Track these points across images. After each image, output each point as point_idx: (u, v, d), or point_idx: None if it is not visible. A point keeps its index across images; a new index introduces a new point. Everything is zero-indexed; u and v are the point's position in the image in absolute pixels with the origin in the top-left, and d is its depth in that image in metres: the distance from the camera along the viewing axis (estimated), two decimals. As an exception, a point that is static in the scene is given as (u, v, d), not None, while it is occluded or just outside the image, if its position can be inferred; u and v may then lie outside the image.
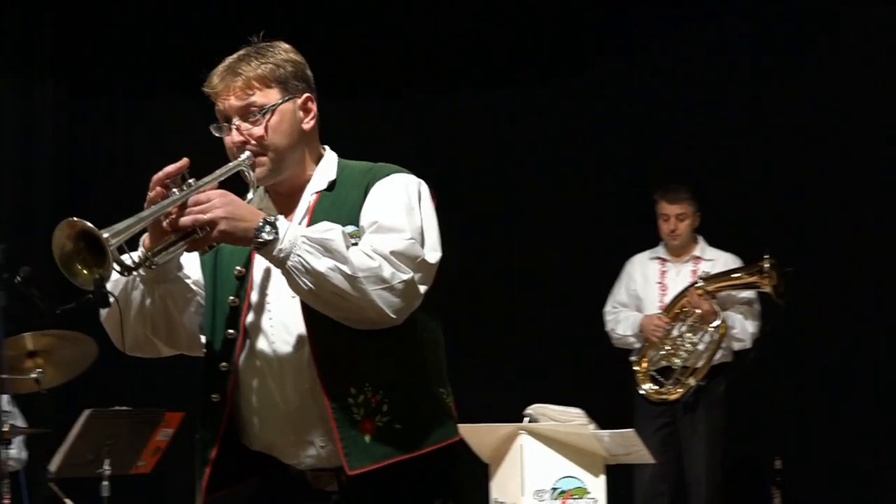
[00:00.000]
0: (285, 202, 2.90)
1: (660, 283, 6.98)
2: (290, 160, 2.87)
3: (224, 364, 2.84)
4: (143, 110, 8.53)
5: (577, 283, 8.17)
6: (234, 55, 2.90)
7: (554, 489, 5.65)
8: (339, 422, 2.74)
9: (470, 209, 8.40)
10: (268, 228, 2.64)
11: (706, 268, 6.88)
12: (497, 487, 5.82)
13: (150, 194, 2.67)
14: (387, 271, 2.68)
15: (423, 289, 2.77)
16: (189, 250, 2.70)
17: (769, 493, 7.66)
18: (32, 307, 7.78)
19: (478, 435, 5.58)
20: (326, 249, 2.64)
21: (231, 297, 2.85)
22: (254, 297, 2.84)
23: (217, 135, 2.89)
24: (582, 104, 8.68)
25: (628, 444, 5.69)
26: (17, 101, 8.12)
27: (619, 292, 7.13)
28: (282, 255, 2.63)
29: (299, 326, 2.78)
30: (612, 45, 8.66)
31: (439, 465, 2.87)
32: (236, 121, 2.83)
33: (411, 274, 2.72)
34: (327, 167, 2.93)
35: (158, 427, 6.59)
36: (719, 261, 6.93)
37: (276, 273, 2.78)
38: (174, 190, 2.65)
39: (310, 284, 2.63)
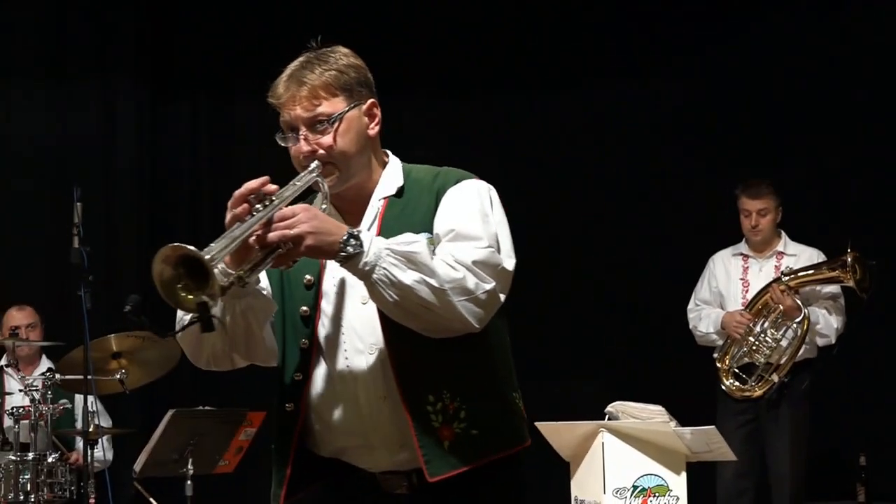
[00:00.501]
0: (351, 208, 2.88)
1: (742, 279, 6.92)
2: (357, 167, 2.86)
3: (298, 374, 2.84)
4: (225, 114, 8.60)
5: (659, 281, 8.12)
6: (296, 62, 2.89)
7: (635, 487, 5.62)
8: (419, 429, 2.75)
9: (546, 207, 8.39)
10: (353, 242, 2.64)
11: (789, 263, 6.80)
12: (577, 485, 5.80)
13: (236, 211, 2.65)
14: (471, 282, 2.68)
15: (503, 297, 2.78)
16: (274, 266, 2.69)
17: (854, 488, 7.59)
18: (118, 308, 7.93)
19: (558, 433, 5.57)
20: (412, 262, 2.65)
21: (303, 308, 2.84)
22: (325, 306, 2.84)
23: (283, 144, 2.89)
24: (654, 100, 8.64)
25: (710, 441, 5.64)
26: (100, 104, 8.23)
27: (702, 290, 7.07)
28: (367, 268, 2.63)
29: (374, 335, 2.79)
30: (673, 42, 8.60)
31: (510, 468, 2.89)
32: (303, 131, 2.82)
33: (494, 283, 2.72)
34: (393, 172, 2.93)
35: (241, 426, 6.65)
36: (802, 255, 6.85)
37: (347, 281, 2.80)
38: (258, 206, 2.65)
39: (395, 297, 2.64)
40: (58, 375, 6.30)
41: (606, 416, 5.78)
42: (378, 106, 2.91)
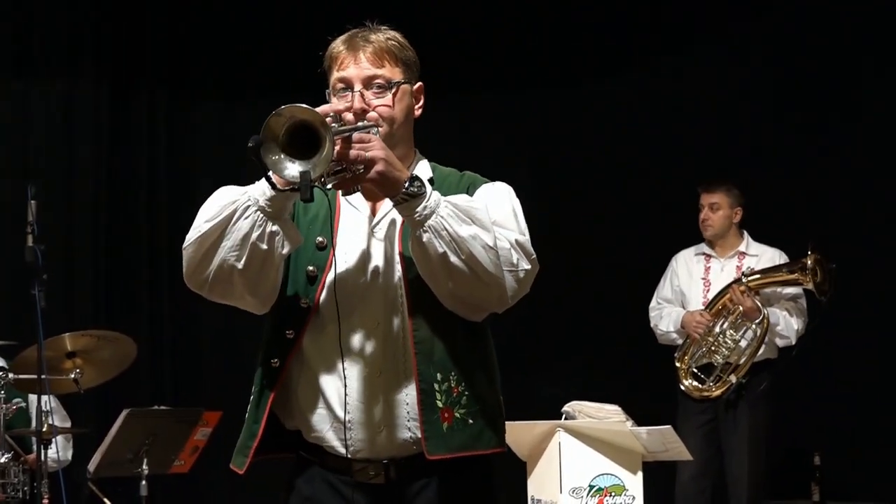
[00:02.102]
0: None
1: (704, 278, 6.96)
2: (399, 139, 2.85)
3: (290, 332, 2.80)
4: (183, 112, 8.55)
5: (618, 280, 8.15)
6: (352, 31, 2.90)
7: (591, 486, 5.64)
8: (425, 405, 2.74)
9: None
10: (417, 183, 2.64)
11: (751, 263, 6.85)
12: (534, 485, 5.81)
13: (321, 107, 2.64)
14: (514, 256, 2.72)
15: (529, 286, 2.81)
16: (335, 187, 2.67)
17: (808, 488, 7.64)
18: (73, 307, 7.88)
19: (515, 432, 5.56)
20: (471, 217, 2.65)
21: (310, 267, 2.81)
22: (333, 270, 2.79)
23: (334, 100, 2.83)
24: (618, 105, 8.67)
25: (666, 441, 5.66)
26: (58, 100, 8.16)
27: (664, 288, 7.10)
28: (425, 211, 2.62)
29: (380, 308, 2.76)
30: (653, 43, 8.65)
31: (486, 469, 2.89)
32: (359, 87, 2.81)
33: (530, 267, 2.76)
34: (423, 164, 2.94)
35: (197, 426, 6.61)
36: (764, 256, 6.89)
37: (358, 252, 2.79)
38: (336, 125, 2.62)
39: (445, 247, 2.61)
40: (11, 375, 6.24)
41: (563, 416, 5.79)
42: (423, 91, 2.93)
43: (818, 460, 7.65)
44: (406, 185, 2.62)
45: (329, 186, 2.64)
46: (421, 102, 2.92)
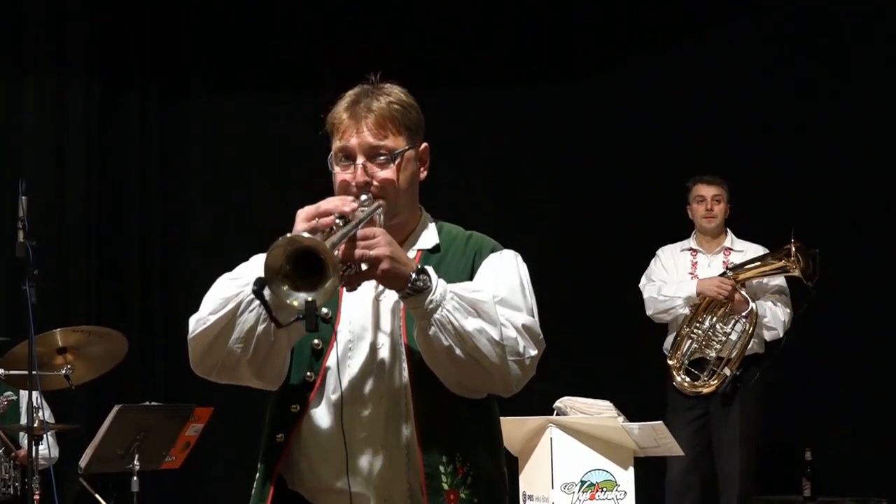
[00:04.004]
0: None
1: (692, 273, 6.94)
2: (402, 207, 2.80)
3: (295, 406, 2.77)
4: (175, 108, 8.54)
5: (610, 276, 8.16)
6: (356, 90, 2.84)
7: (583, 482, 5.64)
8: (430, 489, 2.70)
9: (502, 199, 8.41)
10: (423, 277, 2.59)
11: (737, 259, 6.85)
12: (525, 480, 5.81)
13: (321, 221, 2.58)
14: (521, 344, 2.66)
15: (535, 368, 2.75)
16: (344, 284, 2.61)
17: (800, 483, 7.65)
18: (64, 303, 7.87)
19: (506, 428, 5.52)
20: (476, 310, 2.61)
21: (315, 340, 2.77)
22: (340, 342, 2.76)
23: (334, 169, 2.82)
24: (616, 103, 8.68)
25: (658, 437, 5.67)
26: (50, 96, 8.15)
27: (656, 271, 7.03)
28: (431, 305, 2.58)
29: (383, 382, 2.73)
30: (639, 40, 8.67)
31: None
32: (362, 159, 2.75)
33: (537, 352, 2.71)
34: (429, 227, 2.89)
35: (188, 422, 6.61)
36: (749, 252, 6.90)
37: (364, 324, 2.75)
38: (338, 222, 2.57)
39: (451, 341, 2.58)
40: (1, 371, 6.23)
41: (555, 412, 5.79)
42: (429, 152, 2.87)
43: (809, 455, 7.66)
44: (412, 278, 2.58)
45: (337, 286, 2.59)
46: (427, 164, 2.87)
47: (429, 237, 2.86)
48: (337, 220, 2.57)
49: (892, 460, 7.78)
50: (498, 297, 2.70)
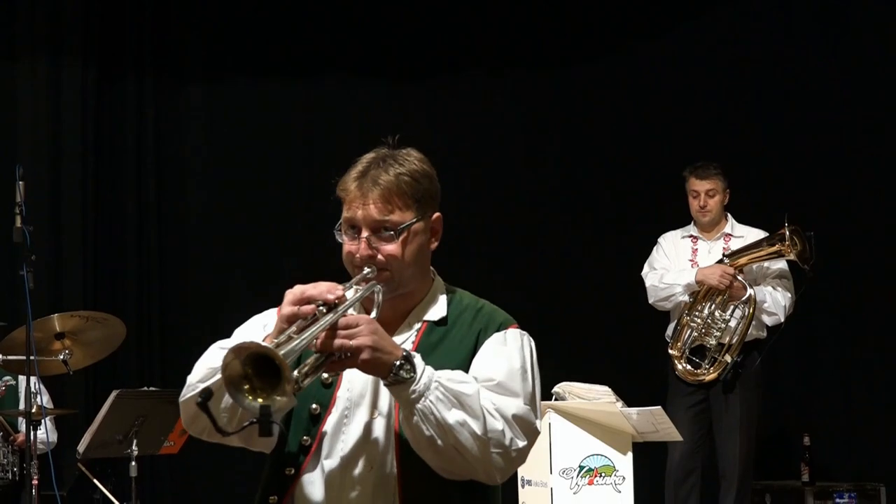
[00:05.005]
0: (386, 319, 2.74)
1: (692, 260, 6.93)
2: (408, 278, 2.75)
3: (290, 469, 2.75)
4: (171, 94, 8.52)
5: (608, 262, 8.16)
6: (368, 158, 2.77)
7: (581, 467, 5.64)
8: None
9: (503, 182, 8.40)
10: (406, 366, 2.55)
11: (737, 244, 6.83)
12: (524, 466, 5.78)
13: (303, 309, 2.54)
14: (507, 436, 2.62)
15: (526, 457, 2.71)
16: (326, 371, 2.60)
17: (798, 468, 7.67)
18: (67, 289, 7.87)
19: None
20: (460, 402, 2.58)
21: (313, 405, 2.74)
22: (337, 407, 2.74)
23: (339, 239, 2.76)
24: (596, 88, 8.67)
25: (656, 422, 5.67)
26: (46, 82, 8.13)
27: (658, 259, 7.02)
28: (413, 395, 2.55)
29: (378, 452, 2.71)
30: (634, 27, 8.67)
31: None
32: (366, 233, 2.71)
33: (526, 443, 2.66)
34: (438, 298, 2.84)
35: (186, 407, 6.59)
36: (749, 237, 6.87)
37: (364, 391, 2.72)
38: (321, 308, 2.54)
39: (432, 432, 2.56)
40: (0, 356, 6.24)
41: (553, 397, 5.79)
42: (442, 221, 2.81)
43: (808, 441, 7.68)
44: (395, 367, 2.55)
45: (320, 373, 2.59)
46: (439, 234, 2.81)
47: (437, 309, 2.82)
48: (320, 308, 2.54)
49: (890, 446, 7.80)
50: (494, 381, 2.66)
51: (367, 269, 2.69)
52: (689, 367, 6.73)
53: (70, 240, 8.06)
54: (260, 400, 2.40)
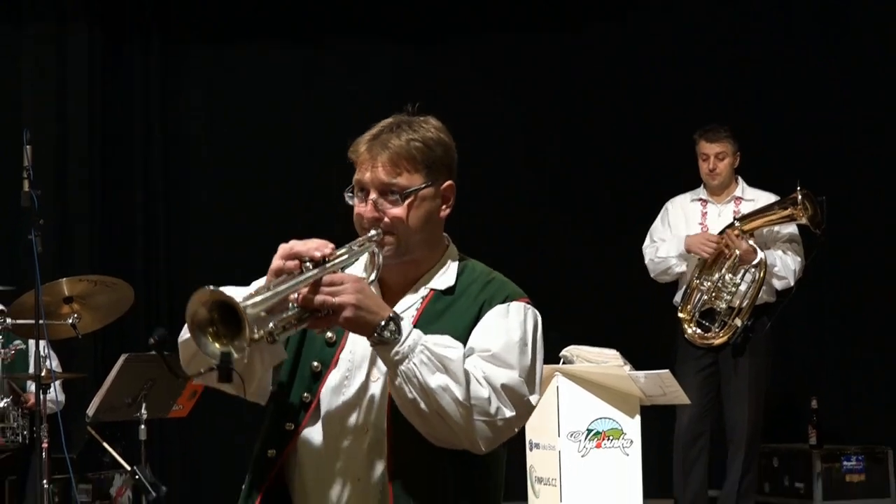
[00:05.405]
0: (394, 285, 2.80)
1: (701, 224, 6.90)
2: (416, 244, 2.75)
3: (290, 424, 2.77)
4: (177, 57, 8.50)
5: (617, 225, 8.15)
6: (384, 123, 2.77)
7: (589, 430, 5.65)
8: None
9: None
10: (392, 327, 2.56)
11: (747, 208, 6.81)
12: (532, 429, 5.83)
13: (287, 264, 2.57)
14: (493, 405, 2.61)
15: (517, 429, 2.70)
16: (309, 328, 2.62)
17: (806, 431, 7.68)
18: (75, 253, 7.89)
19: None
20: (444, 367, 2.58)
21: (315, 363, 2.77)
22: (339, 368, 2.76)
23: (349, 202, 2.77)
24: (610, 51, 8.64)
25: (664, 385, 5.68)
26: (52, 46, 8.11)
27: (659, 229, 7.03)
28: (397, 357, 2.56)
29: (373, 415, 2.72)
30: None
31: None
32: (374, 195, 2.72)
33: (514, 413, 2.64)
34: (448, 268, 2.83)
35: (195, 371, 6.60)
36: (760, 200, 6.84)
37: (369, 351, 2.71)
38: (308, 265, 2.55)
39: (415, 395, 2.57)
40: (9, 320, 6.25)
41: (561, 360, 5.79)
42: (454, 190, 2.81)
43: (815, 404, 7.69)
44: (380, 327, 2.56)
45: (301, 328, 2.60)
46: (451, 202, 2.80)
47: (446, 278, 2.81)
48: (308, 264, 2.55)
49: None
50: (489, 351, 2.66)
51: (372, 232, 2.70)
52: (698, 330, 6.73)
53: (77, 204, 8.06)
54: (217, 346, 2.44)
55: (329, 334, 2.75)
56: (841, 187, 7.32)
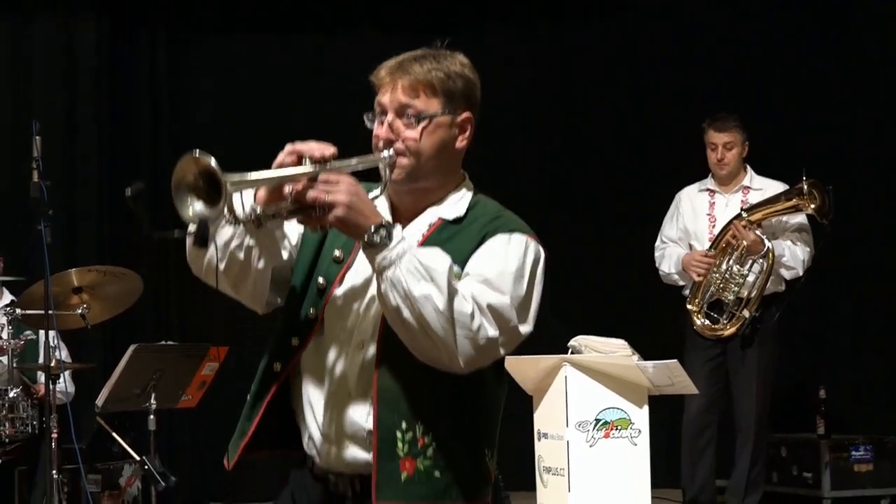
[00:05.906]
0: (404, 211, 2.82)
1: (709, 214, 6.90)
2: (428, 171, 2.77)
3: (296, 339, 2.80)
4: (185, 47, 8.51)
5: (625, 214, 8.15)
6: (409, 53, 2.81)
7: (597, 420, 5.65)
8: (382, 451, 2.70)
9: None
10: (382, 232, 2.58)
11: (755, 197, 6.80)
12: (540, 419, 5.83)
13: (285, 158, 2.62)
14: (476, 322, 2.61)
15: (502, 352, 2.71)
16: (300, 223, 2.66)
17: (814, 420, 7.68)
18: (83, 244, 7.91)
19: (521, 367, 5.59)
20: (428, 275, 2.58)
21: (320, 279, 2.80)
22: (343, 285, 2.78)
23: (368, 125, 2.79)
24: (618, 41, 8.63)
25: (672, 375, 5.67)
26: (60, 36, 8.12)
27: (668, 226, 7.04)
28: (384, 262, 2.58)
29: (370, 333, 2.74)
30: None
31: None
32: (390, 116, 2.75)
33: (497, 334, 2.64)
34: (460, 200, 2.85)
35: (204, 361, 6.63)
36: (768, 189, 6.83)
37: (369, 273, 2.73)
38: (307, 160, 2.60)
39: (398, 301, 2.58)
40: (18, 311, 6.27)
41: (569, 350, 5.80)
42: (473, 122, 2.84)
43: (823, 394, 7.69)
44: (371, 232, 2.58)
45: (295, 221, 2.66)
46: (468, 133, 2.82)
47: (456, 209, 2.82)
48: (307, 161, 2.59)
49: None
50: (481, 276, 2.67)
51: (386, 152, 2.73)
52: (707, 322, 6.73)
53: (86, 194, 8.08)
54: (195, 206, 2.51)
55: (337, 252, 2.79)
56: (844, 182, 7.30)
